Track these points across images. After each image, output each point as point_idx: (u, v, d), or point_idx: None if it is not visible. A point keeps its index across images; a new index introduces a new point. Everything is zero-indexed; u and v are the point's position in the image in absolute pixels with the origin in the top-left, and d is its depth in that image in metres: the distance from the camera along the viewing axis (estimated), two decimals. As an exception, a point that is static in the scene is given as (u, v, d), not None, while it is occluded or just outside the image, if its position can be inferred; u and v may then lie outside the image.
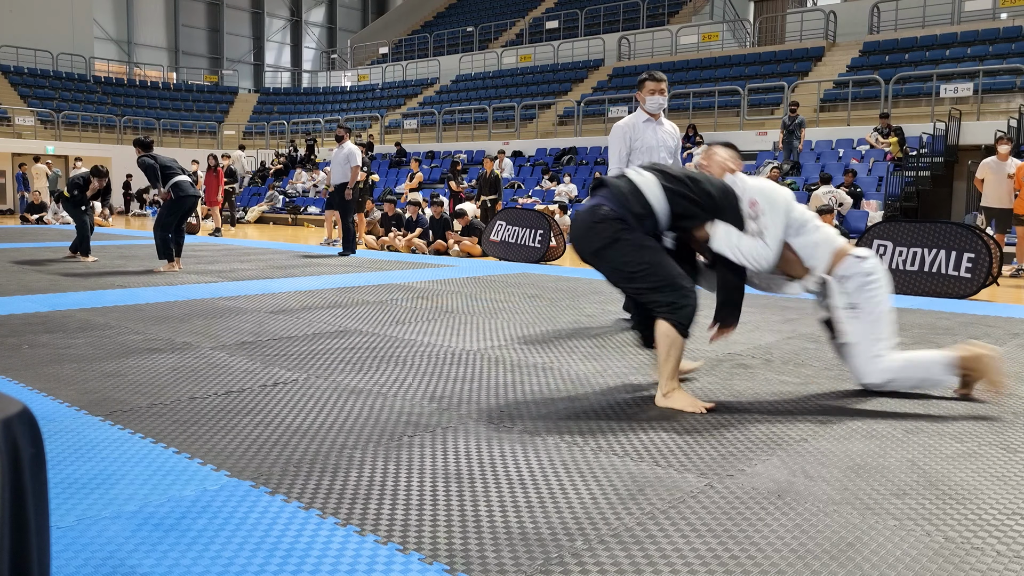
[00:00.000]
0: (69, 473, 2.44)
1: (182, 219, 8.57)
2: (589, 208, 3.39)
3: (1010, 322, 5.68)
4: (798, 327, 5.34)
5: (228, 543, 1.98)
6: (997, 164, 10.09)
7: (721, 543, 2.01)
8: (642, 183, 3.34)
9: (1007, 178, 9.93)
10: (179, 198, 8.36)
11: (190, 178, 8.65)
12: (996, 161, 10.13)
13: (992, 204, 10.14)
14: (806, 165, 15.10)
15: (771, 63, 20.57)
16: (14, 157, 23.62)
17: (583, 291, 7.18)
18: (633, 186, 3.34)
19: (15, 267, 8.45)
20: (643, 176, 3.37)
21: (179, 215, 8.47)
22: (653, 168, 3.44)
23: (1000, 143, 10.16)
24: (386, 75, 31.22)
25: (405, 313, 5.75)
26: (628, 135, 5.28)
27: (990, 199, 10.17)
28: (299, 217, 20.23)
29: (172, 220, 8.43)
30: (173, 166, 8.56)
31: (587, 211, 3.39)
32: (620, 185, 3.36)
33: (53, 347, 4.33)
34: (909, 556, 1.96)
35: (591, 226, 3.33)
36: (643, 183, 3.34)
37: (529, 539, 2.02)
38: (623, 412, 3.21)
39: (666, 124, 5.37)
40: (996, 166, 10.09)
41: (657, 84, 5.22)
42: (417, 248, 12.02)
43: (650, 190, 3.31)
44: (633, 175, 3.40)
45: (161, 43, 36.76)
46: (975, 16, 19.47)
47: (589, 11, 27.83)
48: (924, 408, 3.33)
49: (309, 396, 3.39)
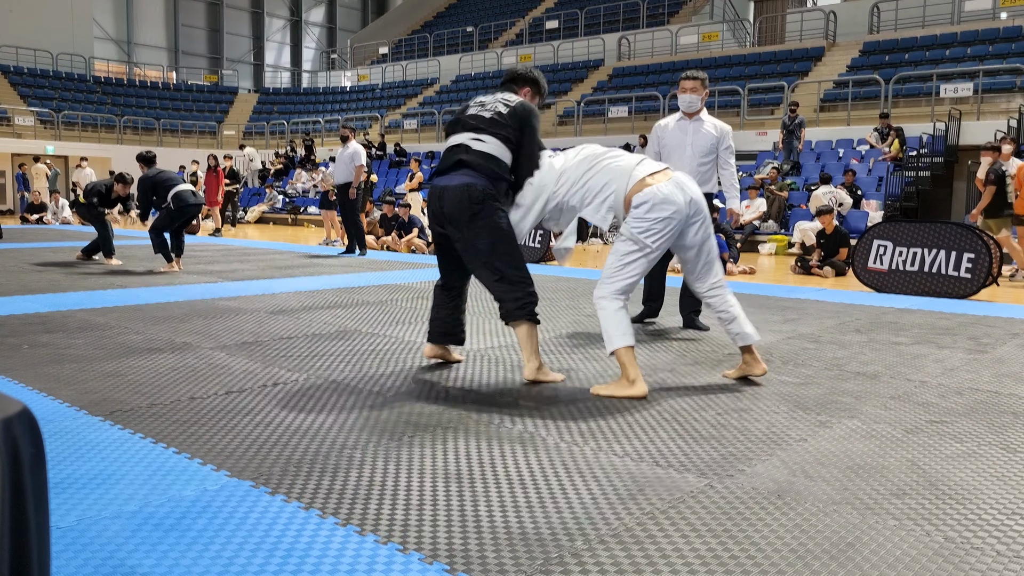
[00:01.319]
0: (69, 473, 2.44)
1: (183, 225, 8.57)
2: (463, 186, 3.56)
3: (1009, 322, 5.68)
4: (798, 327, 5.34)
5: (228, 543, 1.98)
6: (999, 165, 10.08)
7: (721, 543, 2.01)
8: (485, 147, 3.61)
9: (1009, 179, 9.92)
10: (179, 208, 8.36)
11: (191, 185, 8.60)
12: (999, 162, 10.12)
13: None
14: (806, 165, 15.10)
15: (771, 63, 20.58)
16: (14, 157, 23.62)
17: (583, 291, 7.18)
18: (482, 154, 3.59)
19: (15, 267, 8.45)
20: (484, 141, 3.63)
21: (178, 222, 8.48)
22: (478, 125, 3.68)
23: (1003, 143, 10.17)
24: (386, 75, 31.21)
25: (405, 313, 5.75)
26: (657, 135, 5.32)
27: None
28: (299, 217, 20.23)
29: (169, 226, 8.46)
30: (174, 178, 8.56)
31: (460, 188, 3.55)
32: (473, 159, 3.60)
33: (53, 347, 4.33)
34: (909, 556, 1.96)
35: (468, 205, 3.54)
36: (485, 147, 3.61)
37: (529, 539, 2.02)
38: (623, 412, 3.21)
39: (707, 123, 5.15)
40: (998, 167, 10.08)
41: (687, 82, 5.09)
42: (417, 248, 12.02)
43: (493, 149, 3.60)
44: (473, 145, 3.64)
45: (161, 43, 36.76)
46: (975, 16, 19.48)
47: (589, 11, 27.83)
48: (924, 408, 3.33)
49: (309, 396, 3.39)
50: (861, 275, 7.77)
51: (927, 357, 4.40)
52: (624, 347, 3.44)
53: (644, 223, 3.45)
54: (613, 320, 3.47)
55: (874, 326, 5.44)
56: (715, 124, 5.18)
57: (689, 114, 5.17)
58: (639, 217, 3.46)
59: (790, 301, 6.68)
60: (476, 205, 3.51)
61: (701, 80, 5.11)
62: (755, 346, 3.74)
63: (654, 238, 3.46)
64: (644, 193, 3.46)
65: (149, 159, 8.73)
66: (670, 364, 4.14)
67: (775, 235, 12.80)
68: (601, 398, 3.42)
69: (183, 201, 8.33)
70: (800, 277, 9.22)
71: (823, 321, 5.62)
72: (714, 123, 5.18)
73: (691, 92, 5.09)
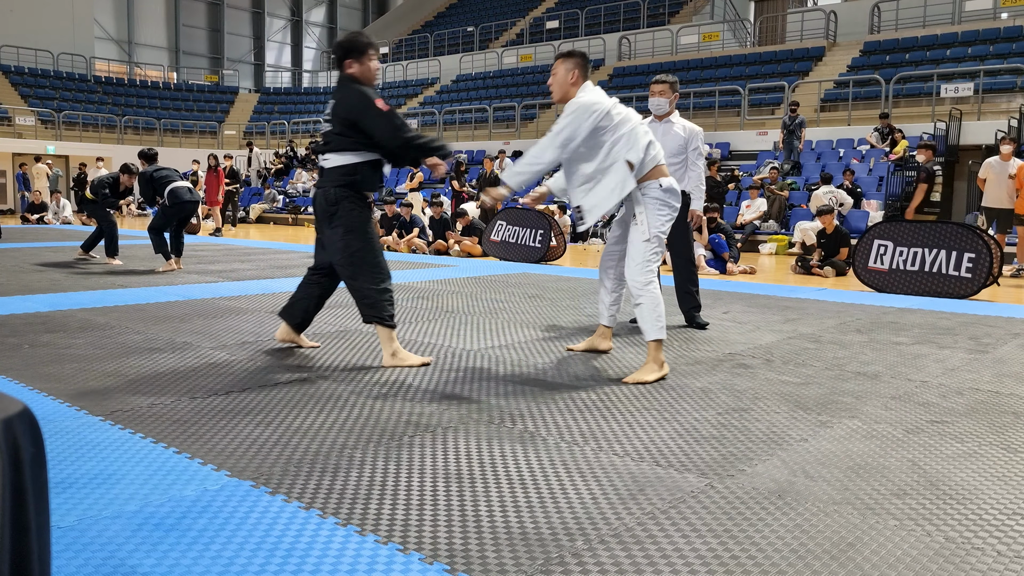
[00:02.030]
0: (69, 473, 2.44)
1: (181, 223, 8.57)
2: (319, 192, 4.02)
3: (1010, 322, 5.68)
4: (798, 327, 5.34)
5: (228, 543, 1.98)
6: (1000, 164, 10.08)
7: (721, 543, 2.01)
8: (327, 164, 3.98)
9: (1008, 178, 9.93)
10: (174, 204, 8.37)
11: (189, 183, 8.64)
12: (999, 161, 10.12)
13: (992, 204, 10.14)
14: (807, 165, 15.10)
15: (771, 63, 20.57)
16: (14, 157, 23.62)
17: (583, 291, 7.18)
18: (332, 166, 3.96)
19: (16, 267, 8.45)
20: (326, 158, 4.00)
21: (175, 220, 8.49)
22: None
23: (1003, 143, 10.17)
24: (386, 75, 31.21)
25: (405, 313, 5.75)
26: None
27: (991, 199, 10.17)
28: (299, 217, 20.23)
29: (166, 224, 8.46)
30: (171, 175, 8.57)
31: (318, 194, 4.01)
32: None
33: (54, 347, 4.33)
34: (909, 556, 1.96)
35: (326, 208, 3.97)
36: (327, 163, 3.98)
37: (529, 539, 2.02)
38: (623, 412, 3.21)
39: (676, 125, 5.25)
40: (999, 166, 10.09)
41: (656, 86, 5.22)
42: (417, 248, 12.02)
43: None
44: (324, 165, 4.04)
45: (161, 43, 36.76)
46: (976, 16, 19.47)
47: (589, 11, 27.83)
48: (925, 408, 3.33)
49: (309, 396, 3.39)
50: (862, 275, 7.77)
51: (928, 357, 4.40)
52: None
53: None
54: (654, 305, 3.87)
55: (875, 326, 5.44)
56: (684, 126, 5.28)
57: (659, 116, 5.26)
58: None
59: (791, 301, 6.68)
60: (331, 206, 3.93)
61: (670, 84, 5.21)
62: (611, 329, 4.42)
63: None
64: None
65: (151, 156, 8.78)
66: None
67: (775, 235, 12.80)
68: (601, 398, 3.42)
69: (178, 198, 8.35)
70: (800, 277, 9.22)
71: (824, 321, 5.61)
72: (684, 124, 5.28)
73: (659, 95, 5.19)
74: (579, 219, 3.90)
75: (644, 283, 3.78)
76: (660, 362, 3.81)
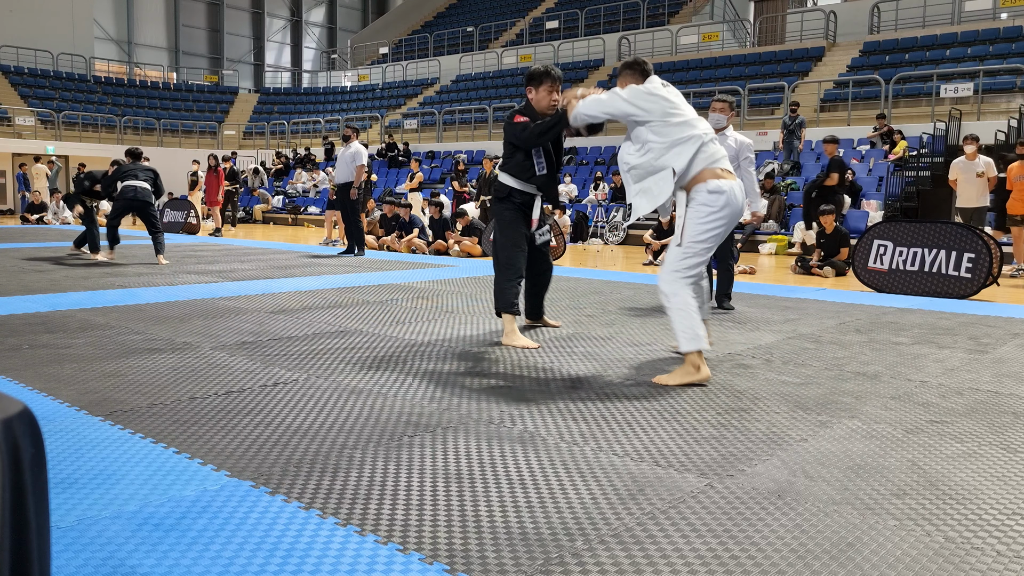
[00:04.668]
0: (69, 473, 2.44)
1: (119, 216, 9.35)
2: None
3: (1010, 322, 5.68)
4: (798, 327, 5.34)
5: (228, 543, 1.98)
6: (966, 164, 10.10)
7: (721, 543, 2.01)
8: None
9: (976, 177, 9.96)
10: (121, 198, 9.11)
11: (145, 183, 9.15)
12: (965, 161, 10.14)
13: (965, 204, 10.16)
14: (806, 165, 15.10)
15: (771, 63, 20.58)
16: (14, 157, 23.62)
17: (583, 291, 7.18)
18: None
19: (15, 267, 8.45)
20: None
21: (119, 214, 9.34)
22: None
23: (966, 143, 10.19)
24: (386, 75, 31.22)
25: (405, 313, 5.75)
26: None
27: (963, 199, 10.19)
28: (299, 217, 20.23)
29: (115, 216, 9.29)
30: (135, 171, 9.17)
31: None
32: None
33: (53, 347, 4.33)
34: (909, 556, 1.96)
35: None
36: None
37: (529, 539, 2.02)
38: (623, 412, 3.21)
39: (729, 138, 5.89)
40: (965, 166, 10.10)
41: (717, 103, 5.95)
42: (417, 248, 12.02)
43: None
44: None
45: (161, 43, 36.77)
46: (975, 16, 19.48)
47: (589, 11, 27.83)
48: (924, 408, 3.33)
49: (309, 396, 3.39)
50: (861, 275, 7.77)
51: (927, 357, 4.40)
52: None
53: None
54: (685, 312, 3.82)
55: (874, 326, 5.44)
56: (736, 138, 5.93)
57: (716, 130, 5.71)
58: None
59: (790, 301, 6.68)
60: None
61: (730, 103, 5.98)
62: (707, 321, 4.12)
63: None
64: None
65: (136, 154, 9.46)
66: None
67: (775, 235, 12.80)
68: (601, 398, 3.42)
69: (122, 194, 9.05)
70: (800, 277, 9.22)
71: (823, 321, 5.62)
72: (735, 137, 5.95)
73: (720, 112, 5.91)
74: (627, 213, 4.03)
75: (670, 293, 3.68)
76: (695, 366, 3.66)
